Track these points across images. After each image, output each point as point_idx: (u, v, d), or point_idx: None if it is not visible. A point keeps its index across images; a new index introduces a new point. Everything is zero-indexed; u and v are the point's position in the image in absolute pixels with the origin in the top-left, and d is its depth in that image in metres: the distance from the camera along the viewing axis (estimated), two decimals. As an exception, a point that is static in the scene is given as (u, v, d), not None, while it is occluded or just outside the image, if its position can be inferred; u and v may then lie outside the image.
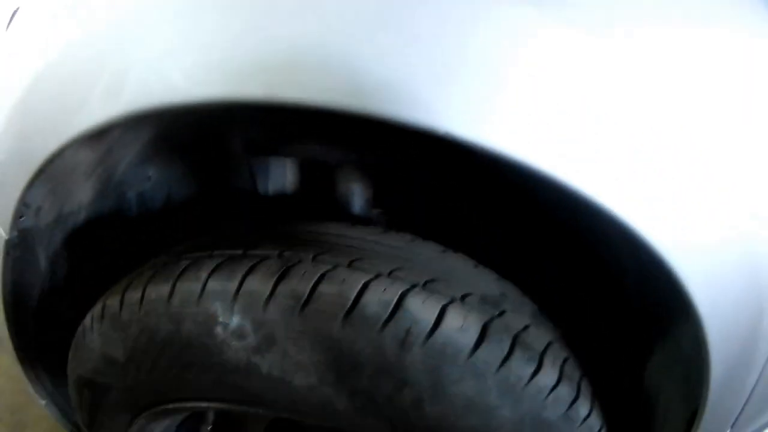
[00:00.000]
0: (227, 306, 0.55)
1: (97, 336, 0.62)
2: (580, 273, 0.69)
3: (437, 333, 0.53)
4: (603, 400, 0.65)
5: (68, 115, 0.53)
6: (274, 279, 0.54)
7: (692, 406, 0.61)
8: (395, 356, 0.53)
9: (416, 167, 0.66)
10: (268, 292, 0.54)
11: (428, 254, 0.61)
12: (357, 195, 0.69)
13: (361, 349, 0.53)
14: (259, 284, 0.54)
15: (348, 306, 0.53)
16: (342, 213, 0.71)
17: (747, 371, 0.60)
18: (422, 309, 0.53)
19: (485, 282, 0.61)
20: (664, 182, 0.46)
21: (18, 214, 0.61)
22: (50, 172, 0.59)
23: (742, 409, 0.62)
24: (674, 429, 0.64)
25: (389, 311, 0.53)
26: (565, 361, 0.60)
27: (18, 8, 0.57)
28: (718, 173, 0.47)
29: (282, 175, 0.72)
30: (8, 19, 0.58)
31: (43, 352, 0.71)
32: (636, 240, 0.48)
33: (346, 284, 0.53)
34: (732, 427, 0.64)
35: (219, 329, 0.55)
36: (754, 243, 0.52)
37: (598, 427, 0.62)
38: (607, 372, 0.70)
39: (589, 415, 0.60)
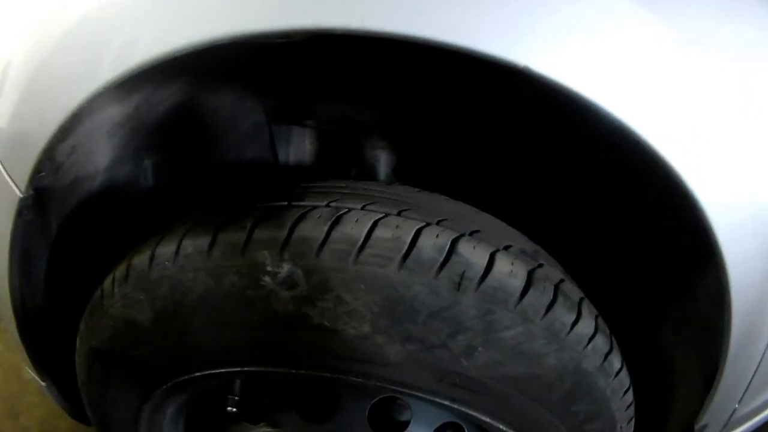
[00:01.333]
0: (276, 254, 0.53)
1: (118, 299, 0.58)
2: (612, 220, 0.71)
3: (489, 277, 0.54)
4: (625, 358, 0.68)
5: (94, 65, 0.51)
6: (328, 225, 0.53)
7: (711, 366, 0.63)
8: (450, 300, 0.53)
9: (439, 124, 0.67)
10: (321, 238, 0.53)
11: (462, 211, 0.63)
12: (382, 163, 0.70)
13: (417, 293, 0.52)
14: (311, 231, 0.53)
15: (404, 250, 0.53)
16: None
17: (759, 335, 0.63)
18: (474, 254, 0.54)
19: (519, 239, 0.63)
20: (707, 125, 0.50)
21: (38, 169, 0.57)
22: (76, 127, 0.56)
23: (751, 381, 0.65)
24: (694, 389, 0.66)
25: (444, 255, 0.53)
26: (598, 315, 0.62)
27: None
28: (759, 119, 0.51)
29: (303, 145, 0.72)
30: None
31: (49, 326, 0.65)
32: (672, 179, 0.50)
33: (400, 230, 0.54)
34: (740, 401, 0.66)
35: (267, 279, 0.53)
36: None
37: (627, 384, 0.64)
38: (625, 331, 0.73)
39: (621, 370, 0.62)
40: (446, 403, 0.58)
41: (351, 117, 0.69)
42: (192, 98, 0.66)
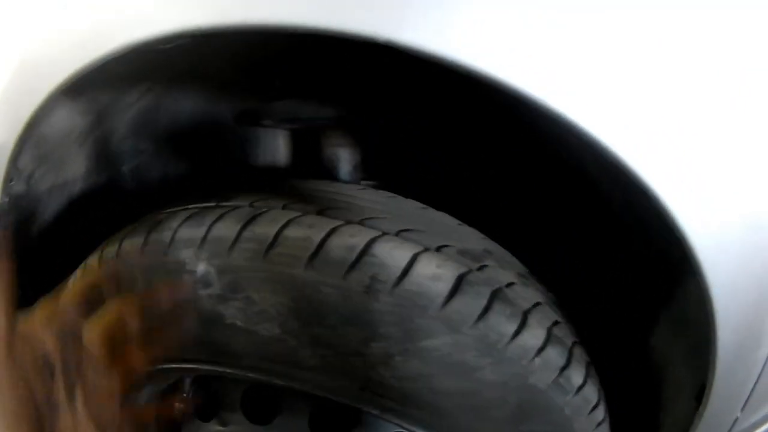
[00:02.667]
0: (194, 253, 0.53)
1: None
2: (585, 229, 0.65)
3: (406, 280, 0.50)
4: (611, 373, 0.60)
5: (45, 68, 0.55)
6: (241, 225, 0.53)
7: (700, 379, 0.54)
8: (361, 304, 0.50)
9: (402, 117, 0.64)
10: (233, 238, 0.52)
11: (407, 209, 0.59)
12: (344, 160, 0.68)
13: (325, 295, 0.50)
14: (225, 230, 0.53)
15: (313, 249, 0.50)
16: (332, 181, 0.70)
17: (757, 343, 0.54)
18: (391, 255, 0.50)
19: (468, 238, 0.58)
20: (671, 130, 0.43)
21: (8, 178, 0.62)
22: (38, 136, 0.61)
23: (754, 388, 0.55)
24: (684, 405, 0.57)
25: (355, 256, 0.50)
26: (554, 324, 0.55)
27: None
28: (730, 126, 0.44)
29: (273, 146, 0.72)
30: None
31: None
32: (641, 188, 0.44)
33: (312, 229, 0.51)
34: (742, 409, 0.57)
35: (186, 278, 0.54)
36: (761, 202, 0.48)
37: (594, 400, 0.56)
38: (614, 343, 0.64)
39: (583, 385, 0.55)
40: (376, 413, 0.55)
41: (308, 116, 0.68)
42: (157, 105, 0.69)
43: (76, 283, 0.62)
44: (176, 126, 0.72)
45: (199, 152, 0.74)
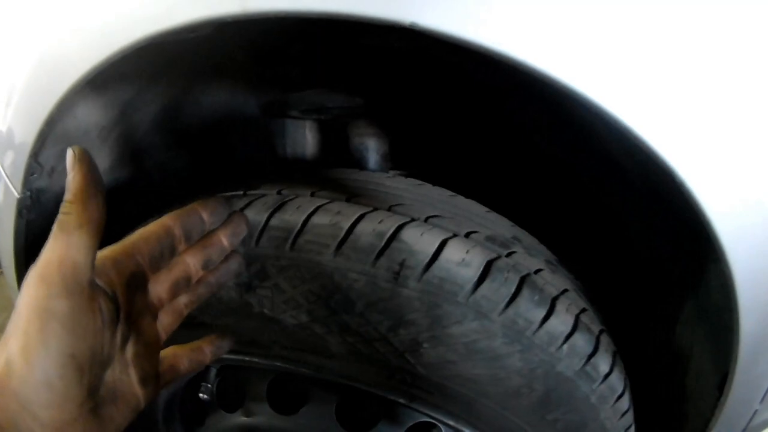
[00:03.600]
0: (222, 242, 0.54)
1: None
2: (611, 217, 0.65)
3: (435, 266, 0.50)
4: (636, 363, 0.60)
5: (64, 64, 0.55)
6: (269, 212, 0.53)
7: (723, 369, 0.54)
8: (389, 290, 0.50)
9: (424, 105, 0.64)
10: (261, 225, 0.52)
11: (436, 196, 0.59)
12: (372, 149, 0.68)
13: (353, 281, 0.50)
14: (253, 218, 0.53)
15: (341, 236, 0.50)
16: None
17: None
18: (420, 241, 0.50)
19: (496, 225, 0.58)
20: (697, 116, 0.43)
21: (30, 172, 0.63)
22: (60, 131, 0.61)
23: None
24: (706, 395, 0.57)
25: (384, 242, 0.50)
26: (582, 311, 0.55)
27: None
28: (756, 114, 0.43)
29: (301, 137, 0.72)
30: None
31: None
32: (666, 174, 0.44)
33: (340, 215, 0.52)
34: (762, 401, 0.56)
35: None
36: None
37: (620, 389, 0.56)
38: (640, 332, 0.64)
39: (610, 373, 0.55)
40: (402, 401, 0.55)
41: (334, 105, 0.68)
42: (181, 98, 0.69)
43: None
44: (201, 119, 0.72)
45: (226, 145, 0.75)
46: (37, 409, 0.32)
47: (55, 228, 0.35)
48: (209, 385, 0.63)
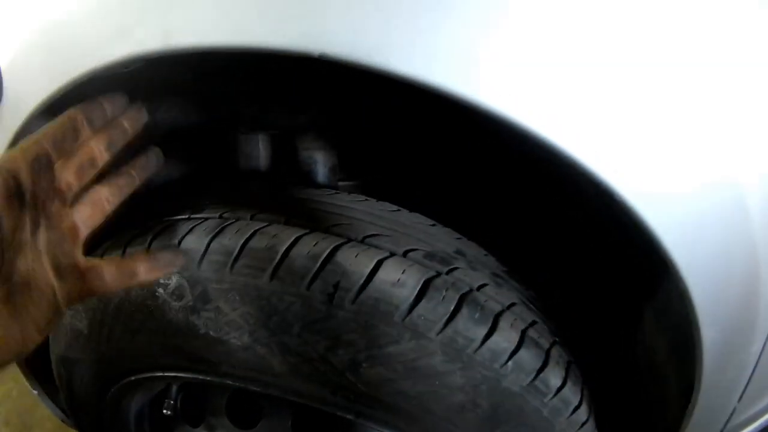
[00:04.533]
0: (167, 266, 0.55)
1: (66, 311, 0.64)
2: (562, 227, 0.64)
3: (370, 287, 0.50)
4: (598, 372, 0.59)
5: (28, 89, 0.56)
6: (210, 237, 0.53)
7: (688, 378, 0.53)
8: (325, 312, 0.50)
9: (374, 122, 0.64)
10: (202, 250, 0.53)
11: (378, 213, 0.58)
12: (320, 163, 0.68)
13: (290, 303, 0.50)
14: (195, 242, 0.54)
15: (277, 260, 0.51)
16: (309, 184, 0.70)
17: (748, 338, 0.52)
18: (355, 262, 0.50)
19: (439, 239, 0.57)
20: (629, 129, 0.42)
21: None
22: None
23: (749, 380, 0.53)
24: (672, 403, 0.56)
25: (318, 264, 0.50)
26: (530, 325, 0.54)
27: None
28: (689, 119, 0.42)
29: (254, 151, 0.72)
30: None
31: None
32: (604, 190, 0.43)
33: (276, 239, 0.52)
34: (740, 400, 0.54)
35: (160, 291, 0.55)
36: (734, 193, 0.46)
37: (576, 401, 0.55)
38: (601, 340, 0.63)
39: (562, 386, 0.54)
40: (350, 417, 0.55)
41: (280, 122, 0.68)
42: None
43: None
44: (156, 136, 0.73)
45: (182, 159, 0.75)
46: None
47: None
48: (171, 401, 0.64)
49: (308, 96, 0.65)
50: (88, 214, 0.44)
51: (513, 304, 0.55)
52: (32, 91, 0.53)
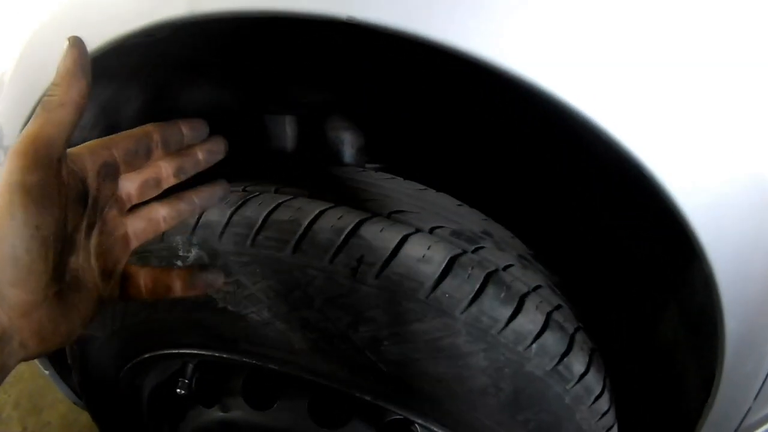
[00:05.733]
0: (186, 239, 0.54)
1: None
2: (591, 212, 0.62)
3: (394, 262, 0.49)
4: (619, 361, 0.58)
5: (47, 57, 0.56)
6: (232, 209, 0.53)
7: (709, 370, 0.51)
8: (348, 287, 0.49)
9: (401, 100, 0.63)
10: (224, 223, 0.52)
11: (405, 190, 0.58)
12: (347, 143, 0.67)
13: (312, 278, 0.49)
14: (216, 215, 0.53)
15: (300, 232, 0.50)
16: (337, 164, 0.69)
17: None
18: (379, 237, 0.49)
19: (466, 219, 0.56)
20: (670, 113, 0.41)
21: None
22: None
23: (767, 377, 0.51)
24: (693, 396, 0.54)
25: (342, 238, 0.49)
26: (555, 308, 0.53)
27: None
28: (728, 108, 0.41)
29: (281, 132, 0.72)
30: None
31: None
32: (642, 174, 0.42)
33: (300, 212, 0.51)
34: (756, 398, 0.53)
35: (179, 263, 0.54)
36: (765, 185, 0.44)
37: (598, 389, 0.53)
38: (623, 330, 0.61)
39: (585, 373, 0.52)
40: (368, 398, 0.54)
41: (309, 101, 0.67)
42: (161, 95, 0.70)
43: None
44: (183, 115, 0.73)
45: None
46: (3, 287, 0.33)
47: (38, 108, 0.35)
48: (186, 381, 0.63)
49: (333, 70, 0.64)
50: (142, 228, 0.44)
51: (539, 287, 0.54)
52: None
